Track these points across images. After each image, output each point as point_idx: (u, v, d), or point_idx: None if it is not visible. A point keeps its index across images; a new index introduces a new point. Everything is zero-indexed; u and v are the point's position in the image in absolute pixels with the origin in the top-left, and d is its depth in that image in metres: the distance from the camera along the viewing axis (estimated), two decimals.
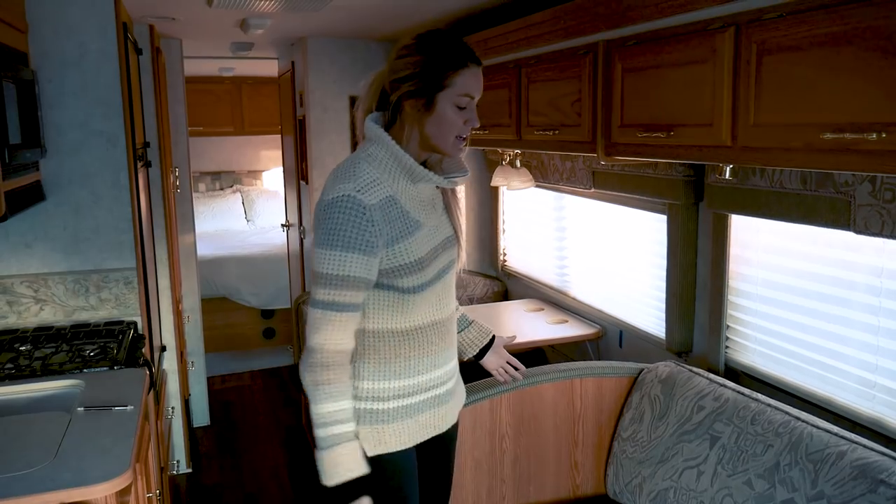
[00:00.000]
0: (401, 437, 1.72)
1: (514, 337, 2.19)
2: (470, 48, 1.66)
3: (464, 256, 1.83)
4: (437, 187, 1.77)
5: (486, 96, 3.24)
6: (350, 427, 1.62)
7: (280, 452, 3.96)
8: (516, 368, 2.10)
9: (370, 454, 1.67)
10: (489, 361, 2.07)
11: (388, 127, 1.69)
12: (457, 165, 1.78)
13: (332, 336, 1.61)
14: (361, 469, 1.61)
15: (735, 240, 2.38)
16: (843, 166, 1.47)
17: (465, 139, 1.69)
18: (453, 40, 1.65)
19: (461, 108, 1.65)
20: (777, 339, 2.24)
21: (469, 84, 1.64)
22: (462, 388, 1.95)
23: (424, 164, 1.73)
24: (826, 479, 1.70)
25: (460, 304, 4.05)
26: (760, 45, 1.63)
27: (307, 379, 1.61)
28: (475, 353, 2.06)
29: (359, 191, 1.59)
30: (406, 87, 1.63)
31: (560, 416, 2.34)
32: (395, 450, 1.71)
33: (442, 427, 1.81)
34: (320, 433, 1.61)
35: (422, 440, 1.76)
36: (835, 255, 2.02)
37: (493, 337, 2.08)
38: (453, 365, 1.84)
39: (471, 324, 2.07)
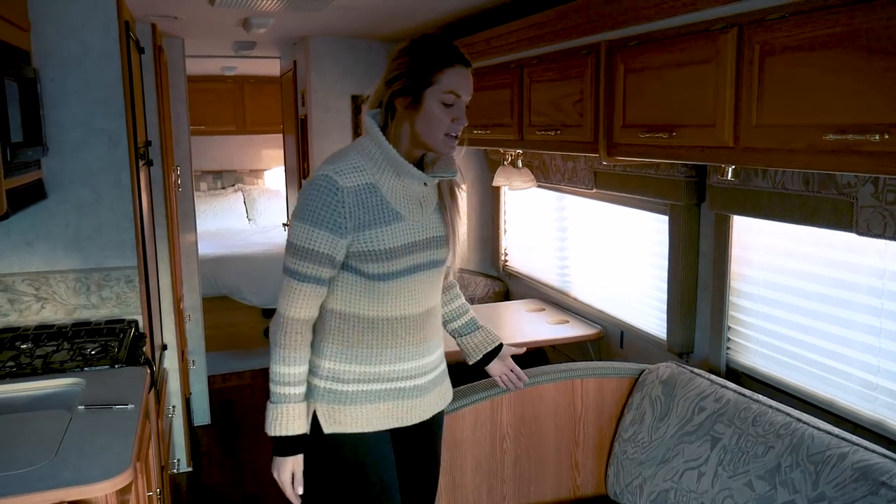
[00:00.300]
0: (357, 421, 1.77)
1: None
2: (458, 50, 1.73)
3: (456, 260, 1.87)
4: (436, 186, 1.83)
5: (488, 96, 3.26)
6: (296, 391, 1.73)
7: None
8: (520, 378, 2.10)
9: (326, 431, 1.76)
10: (493, 368, 2.07)
11: (385, 125, 1.75)
12: (448, 166, 1.81)
13: (292, 304, 1.71)
14: (296, 431, 1.71)
15: (737, 241, 2.38)
16: (845, 168, 1.47)
17: (455, 137, 1.74)
18: (442, 42, 1.73)
19: (448, 106, 1.71)
20: (779, 340, 2.24)
21: (455, 82, 1.70)
22: (445, 388, 1.96)
23: (422, 162, 1.79)
24: (827, 480, 1.69)
25: None
26: (763, 45, 1.62)
27: (270, 338, 1.75)
28: (479, 358, 2.05)
29: (337, 173, 1.68)
30: (396, 86, 1.71)
31: (561, 417, 2.34)
32: (350, 431, 1.77)
33: (408, 420, 1.84)
34: (272, 388, 1.74)
35: (382, 428, 1.80)
36: (837, 257, 2.02)
37: (501, 345, 2.08)
38: (427, 363, 1.85)
39: (479, 329, 2.07)
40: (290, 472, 1.73)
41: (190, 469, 3.76)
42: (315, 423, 1.77)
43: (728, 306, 2.41)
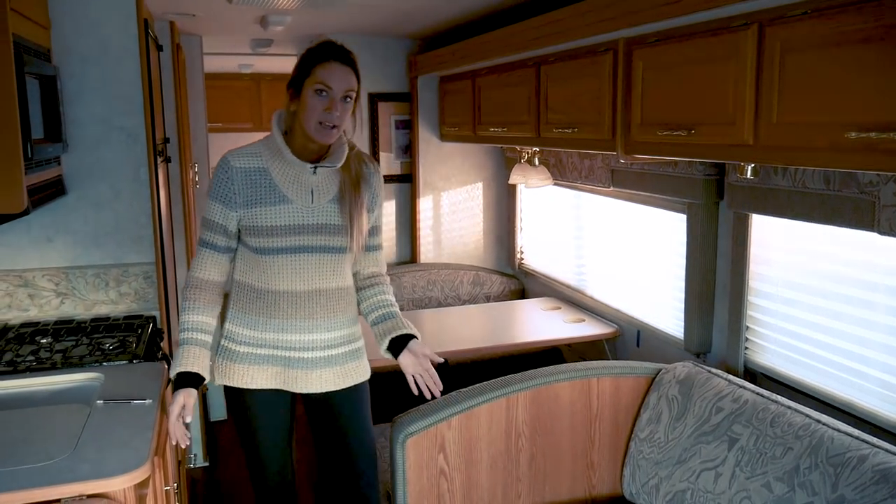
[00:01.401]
0: (243, 378, 2.05)
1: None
2: (341, 49, 1.94)
3: (353, 247, 2.02)
4: (336, 178, 2.01)
5: (505, 94, 3.25)
6: (191, 336, 1.96)
7: (295, 447, 3.96)
8: (436, 384, 2.03)
9: (216, 383, 2.08)
10: (405, 361, 2.05)
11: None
12: (335, 159, 2.01)
13: (194, 264, 2.03)
14: (185, 369, 1.91)
15: (756, 240, 2.35)
16: (867, 166, 1.45)
17: (330, 127, 1.90)
18: (326, 43, 1.95)
19: (320, 95, 1.89)
20: (797, 340, 2.22)
21: (326, 74, 1.89)
22: (347, 370, 2.09)
23: (325, 154, 2.01)
24: (846, 483, 1.67)
25: (476, 301, 4.07)
26: (784, 42, 1.61)
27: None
28: (386, 344, 2.08)
29: (233, 156, 1.99)
30: (288, 82, 1.98)
31: (576, 416, 2.33)
32: (238, 385, 2.06)
33: (295, 388, 2.06)
34: (179, 333, 2.01)
35: (265, 387, 2.05)
36: (857, 257, 2.00)
37: (411, 337, 2.07)
38: (313, 339, 2.03)
39: (393, 318, 2.12)
40: (179, 404, 1.86)
41: (206, 464, 3.78)
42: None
43: (746, 306, 2.39)
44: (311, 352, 2.04)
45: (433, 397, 2.04)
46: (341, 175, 2.02)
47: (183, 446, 1.92)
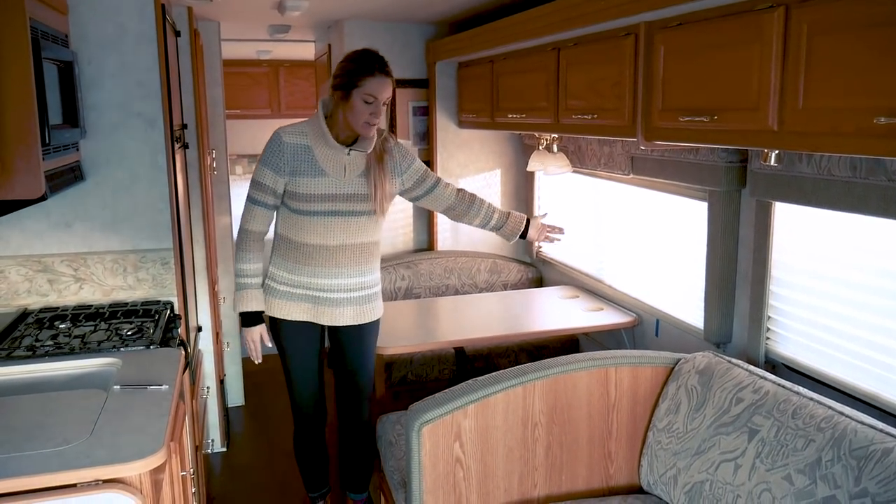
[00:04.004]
0: (281, 310, 2.60)
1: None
2: (382, 62, 2.39)
3: (377, 209, 2.53)
4: (364, 157, 2.49)
5: (524, 79, 3.21)
6: (249, 281, 2.56)
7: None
8: (554, 234, 2.86)
9: (267, 314, 2.62)
10: (531, 236, 2.81)
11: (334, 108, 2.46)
12: (365, 145, 2.49)
13: (246, 219, 2.55)
14: (251, 308, 2.56)
15: (778, 228, 2.31)
16: None
17: (371, 125, 2.40)
18: (370, 55, 2.40)
19: (368, 103, 2.37)
20: (820, 331, 2.18)
21: (373, 87, 2.36)
22: (364, 310, 2.63)
23: (357, 139, 2.49)
24: (870, 476, 1.64)
25: (493, 289, 4.05)
26: (812, 25, 1.56)
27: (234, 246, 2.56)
28: (519, 236, 2.80)
29: (284, 132, 2.49)
30: (335, 83, 2.42)
31: (594, 406, 2.31)
32: (278, 316, 2.61)
33: (319, 320, 2.61)
34: (235, 279, 2.59)
35: (299, 319, 2.60)
36: (883, 246, 1.95)
37: (528, 220, 2.79)
38: (338, 283, 2.56)
39: (508, 218, 2.78)
40: (252, 339, 2.59)
41: (224, 449, 3.81)
42: None
43: (768, 295, 2.35)
44: (336, 293, 2.57)
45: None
46: (368, 153, 2.50)
47: (257, 362, 2.64)
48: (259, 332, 2.58)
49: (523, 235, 2.78)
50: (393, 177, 2.56)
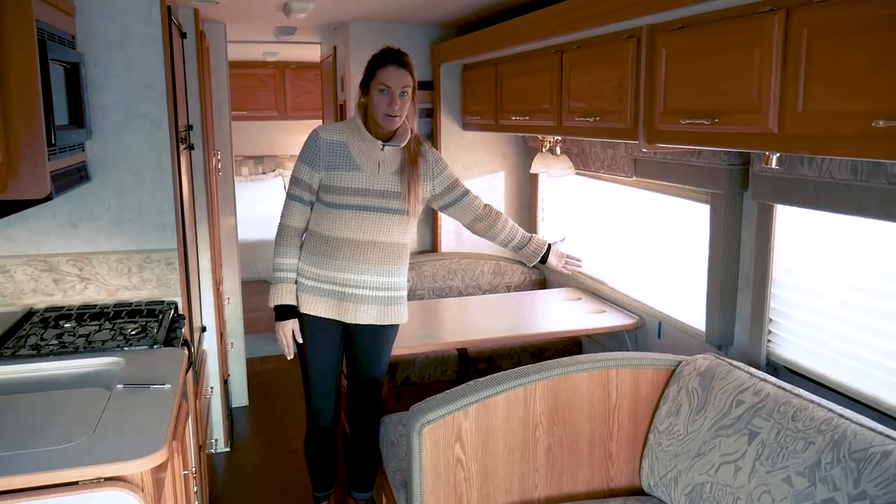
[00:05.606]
0: (306, 305, 2.61)
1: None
2: (396, 54, 2.46)
3: (409, 210, 2.56)
4: (398, 155, 2.55)
5: (527, 82, 3.22)
6: (286, 275, 2.60)
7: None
8: (573, 263, 2.91)
9: (299, 309, 2.62)
10: (551, 262, 2.86)
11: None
12: (399, 140, 2.55)
13: (284, 215, 2.62)
14: (285, 302, 2.60)
15: (780, 231, 2.31)
16: None
17: (392, 116, 2.45)
18: (386, 50, 2.48)
19: (382, 93, 2.43)
20: (822, 334, 2.18)
21: (385, 77, 2.43)
22: (388, 311, 2.62)
23: (393, 134, 2.54)
24: (869, 478, 1.64)
25: (497, 291, 4.05)
26: (812, 28, 1.57)
27: (274, 241, 2.64)
28: (538, 261, 2.85)
29: (322, 130, 2.58)
30: (360, 81, 2.53)
31: (595, 407, 2.31)
32: (304, 311, 2.62)
33: (343, 317, 2.61)
34: (272, 273, 2.63)
35: (322, 315, 2.61)
36: (885, 249, 1.95)
37: (549, 245, 2.85)
38: (363, 280, 2.57)
39: (530, 240, 2.83)
40: (284, 333, 2.62)
41: (227, 449, 3.82)
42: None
43: (770, 298, 2.35)
44: (360, 289, 2.58)
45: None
46: (403, 153, 2.56)
47: (289, 358, 2.67)
48: (291, 326, 2.61)
49: (543, 260, 2.83)
50: (425, 180, 2.61)
